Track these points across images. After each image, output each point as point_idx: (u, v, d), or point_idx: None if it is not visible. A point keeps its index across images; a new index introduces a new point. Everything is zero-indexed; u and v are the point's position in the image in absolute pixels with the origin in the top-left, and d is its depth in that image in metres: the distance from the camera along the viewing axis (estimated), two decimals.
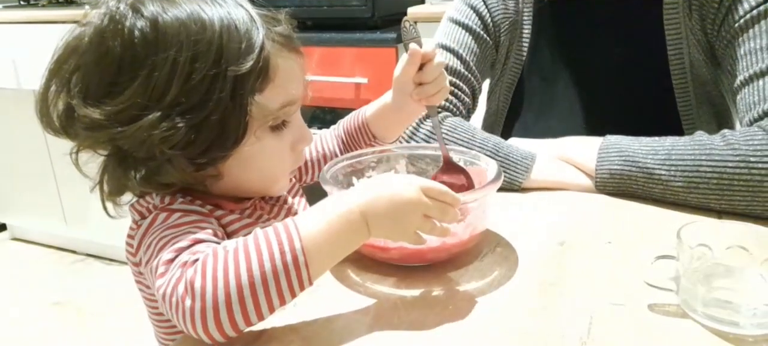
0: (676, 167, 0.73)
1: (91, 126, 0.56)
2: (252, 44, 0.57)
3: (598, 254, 0.66)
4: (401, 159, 0.77)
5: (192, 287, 0.48)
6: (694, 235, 0.54)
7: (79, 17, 0.59)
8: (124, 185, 0.61)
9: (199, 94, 0.55)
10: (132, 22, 0.56)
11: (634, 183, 0.77)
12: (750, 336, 0.50)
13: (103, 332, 2.01)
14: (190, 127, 0.56)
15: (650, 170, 0.75)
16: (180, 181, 0.60)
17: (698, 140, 0.74)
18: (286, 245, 0.49)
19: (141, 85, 0.55)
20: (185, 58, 0.55)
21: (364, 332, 0.53)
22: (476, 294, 0.59)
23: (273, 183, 0.67)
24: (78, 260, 2.52)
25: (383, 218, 0.53)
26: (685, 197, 0.74)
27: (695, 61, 0.89)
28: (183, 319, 0.48)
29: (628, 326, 0.52)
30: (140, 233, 0.59)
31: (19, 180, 2.56)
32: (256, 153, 0.61)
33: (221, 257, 0.49)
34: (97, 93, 0.56)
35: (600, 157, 0.79)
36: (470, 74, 0.99)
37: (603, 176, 0.79)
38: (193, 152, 0.57)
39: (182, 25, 0.56)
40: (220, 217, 0.62)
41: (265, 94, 0.59)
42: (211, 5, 0.58)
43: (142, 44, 0.55)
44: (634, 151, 0.77)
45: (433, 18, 1.73)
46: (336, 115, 1.95)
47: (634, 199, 0.78)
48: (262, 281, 0.48)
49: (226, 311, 0.47)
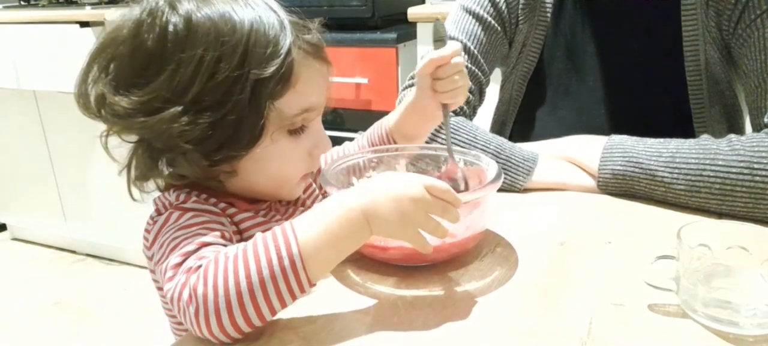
0: (679, 170, 0.73)
1: (118, 114, 0.58)
2: (278, 50, 0.58)
3: (598, 254, 0.66)
4: (401, 159, 0.77)
5: (195, 293, 0.49)
6: (694, 235, 0.54)
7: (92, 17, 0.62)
8: (151, 172, 0.63)
9: (219, 93, 0.57)
10: (167, 18, 0.58)
11: (636, 184, 0.77)
12: (750, 336, 0.50)
13: (103, 332, 2.01)
14: (207, 125, 0.57)
15: (653, 172, 0.75)
16: (193, 175, 0.61)
17: (703, 144, 0.74)
18: (284, 250, 0.50)
19: (167, 79, 0.57)
20: (211, 58, 0.56)
21: (364, 332, 0.53)
22: (476, 294, 0.59)
23: (284, 186, 0.67)
24: (78, 260, 2.52)
25: (385, 215, 0.53)
26: (686, 200, 0.74)
27: (710, 59, 0.89)
28: (189, 322, 0.50)
29: (628, 326, 0.52)
30: (155, 229, 0.60)
31: (19, 180, 2.56)
32: (270, 155, 0.62)
33: (222, 264, 0.50)
34: (127, 83, 0.58)
35: (603, 157, 0.79)
36: (477, 69, 0.97)
37: (606, 176, 0.79)
38: (208, 149, 0.59)
39: (213, 24, 0.57)
40: (234, 215, 0.63)
41: (285, 100, 0.60)
42: (244, 7, 0.59)
43: (173, 40, 0.57)
44: (638, 153, 0.76)
45: (433, 18, 1.73)
46: (336, 115, 1.95)
47: (635, 199, 0.78)
48: (261, 286, 0.49)
49: (227, 315, 0.49)
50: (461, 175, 0.71)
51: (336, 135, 1.68)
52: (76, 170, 2.31)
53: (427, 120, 0.77)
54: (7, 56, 2.22)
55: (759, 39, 0.81)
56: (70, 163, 2.34)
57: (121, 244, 2.35)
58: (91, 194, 2.32)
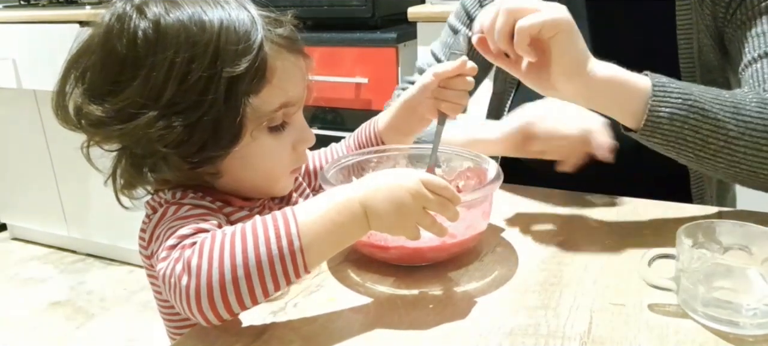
0: (746, 124, 0.66)
1: (94, 123, 0.58)
2: (250, 46, 0.58)
3: (598, 254, 0.66)
4: (402, 159, 0.77)
5: (189, 266, 0.49)
6: (694, 235, 0.54)
7: (90, 17, 0.62)
8: (136, 179, 0.62)
9: (194, 94, 0.57)
10: (136, 23, 0.57)
11: (692, 134, 0.67)
12: (750, 336, 0.50)
13: (103, 332, 2.01)
14: (184, 127, 0.57)
15: (718, 121, 0.66)
16: (176, 178, 0.61)
17: (764, 98, 0.68)
18: (283, 231, 0.50)
19: (140, 84, 0.57)
20: (182, 59, 0.56)
21: (364, 332, 0.53)
22: (476, 294, 0.59)
23: (274, 183, 0.67)
24: (78, 260, 2.52)
25: (383, 208, 0.53)
26: (740, 159, 0.67)
27: (703, 47, 0.88)
28: (179, 298, 0.49)
29: (628, 326, 0.52)
30: (151, 225, 0.60)
31: (19, 180, 2.56)
32: (253, 153, 0.62)
33: (219, 239, 0.50)
34: (101, 91, 0.59)
35: (656, 96, 0.67)
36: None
37: (659, 118, 0.66)
38: (187, 151, 0.58)
39: (183, 26, 0.57)
40: (229, 213, 0.63)
41: (262, 96, 0.60)
42: (213, 7, 0.59)
43: (143, 45, 0.57)
44: (698, 97, 0.67)
45: (433, 18, 1.73)
46: (336, 115, 1.95)
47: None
48: (257, 264, 0.49)
49: (219, 292, 0.48)
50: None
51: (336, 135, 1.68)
52: (76, 170, 2.31)
53: (418, 121, 0.77)
54: (7, 56, 2.22)
55: (758, 23, 0.79)
56: (70, 163, 2.34)
57: (121, 244, 2.35)
58: (91, 194, 2.31)
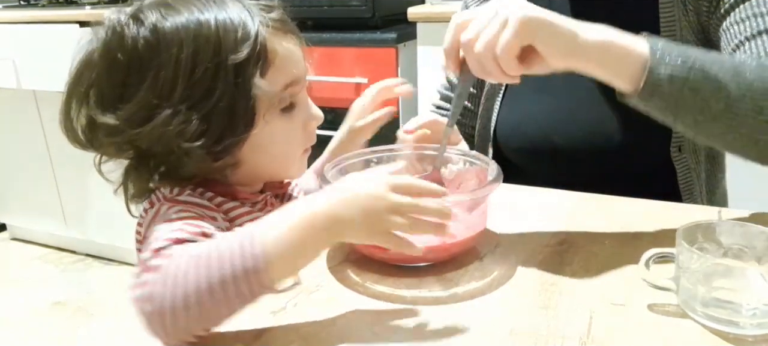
0: (747, 85, 0.63)
1: (111, 132, 0.59)
2: (247, 32, 0.60)
3: (598, 254, 0.66)
4: (401, 159, 0.77)
5: (151, 294, 0.49)
6: (694, 235, 0.54)
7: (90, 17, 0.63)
8: (147, 186, 0.64)
9: (204, 85, 0.58)
10: (134, 31, 0.59)
11: (692, 96, 0.63)
12: (750, 336, 0.50)
13: (103, 332, 2.01)
14: (201, 119, 0.58)
15: (719, 82, 0.62)
16: (200, 172, 0.62)
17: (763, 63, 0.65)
18: (247, 250, 0.49)
19: (150, 86, 0.58)
20: (187, 54, 0.58)
21: (364, 332, 0.53)
22: (476, 294, 0.59)
23: (289, 165, 0.69)
24: (78, 260, 2.52)
25: (349, 218, 0.51)
26: (742, 121, 0.64)
27: (687, 44, 0.88)
28: (144, 322, 0.50)
29: (628, 326, 0.52)
30: (146, 223, 0.61)
31: (19, 180, 2.56)
32: (268, 137, 0.63)
33: (183, 262, 0.49)
34: (112, 100, 0.60)
35: (655, 56, 0.63)
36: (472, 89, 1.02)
37: (659, 80, 0.62)
38: (208, 142, 0.59)
39: (181, 26, 0.59)
40: (229, 209, 0.64)
41: (268, 78, 0.61)
42: (206, 6, 0.61)
43: (145, 49, 0.59)
44: (697, 57, 0.63)
45: (433, 18, 1.73)
46: (336, 115, 1.94)
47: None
48: (221, 287, 0.48)
49: (184, 315, 0.48)
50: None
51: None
52: (76, 170, 2.31)
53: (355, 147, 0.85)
54: (7, 56, 2.22)
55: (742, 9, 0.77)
56: (70, 163, 2.33)
57: (120, 244, 2.35)
58: (91, 194, 2.31)
